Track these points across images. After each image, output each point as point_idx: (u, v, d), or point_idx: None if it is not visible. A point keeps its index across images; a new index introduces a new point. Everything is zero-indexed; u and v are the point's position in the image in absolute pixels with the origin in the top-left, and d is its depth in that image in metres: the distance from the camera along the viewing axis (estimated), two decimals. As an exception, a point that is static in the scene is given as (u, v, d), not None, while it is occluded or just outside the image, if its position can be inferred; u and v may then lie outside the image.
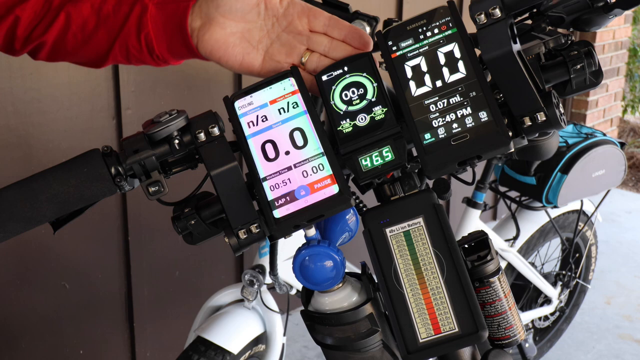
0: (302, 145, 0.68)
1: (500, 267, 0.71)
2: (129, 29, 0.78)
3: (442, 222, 0.66)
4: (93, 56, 0.82)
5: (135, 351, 2.23)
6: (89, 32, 0.79)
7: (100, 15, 0.79)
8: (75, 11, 0.79)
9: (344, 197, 0.66)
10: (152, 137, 0.68)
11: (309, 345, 2.57)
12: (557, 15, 0.73)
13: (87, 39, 0.80)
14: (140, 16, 0.77)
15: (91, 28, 0.79)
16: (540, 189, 2.01)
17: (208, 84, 2.20)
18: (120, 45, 0.80)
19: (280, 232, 0.67)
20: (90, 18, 0.79)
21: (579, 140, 2.05)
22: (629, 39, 4.66)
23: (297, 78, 0.71)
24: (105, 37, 0.80)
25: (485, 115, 0.66)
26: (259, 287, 1.55)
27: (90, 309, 2.09)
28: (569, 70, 0.70)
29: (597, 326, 2.79)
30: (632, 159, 5.06)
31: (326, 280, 0.69)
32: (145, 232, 2.14)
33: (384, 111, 0.69)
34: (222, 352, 1.49)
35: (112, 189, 0.69)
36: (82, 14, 0.79)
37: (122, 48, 0.80)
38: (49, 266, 1.94)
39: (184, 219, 0.72)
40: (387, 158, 0.67)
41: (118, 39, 0.79)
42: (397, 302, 0.66)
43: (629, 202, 4.22)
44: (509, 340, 0.72)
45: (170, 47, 0.79)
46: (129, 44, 0.79)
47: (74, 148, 1.89)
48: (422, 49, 0.69)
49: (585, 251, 2.39)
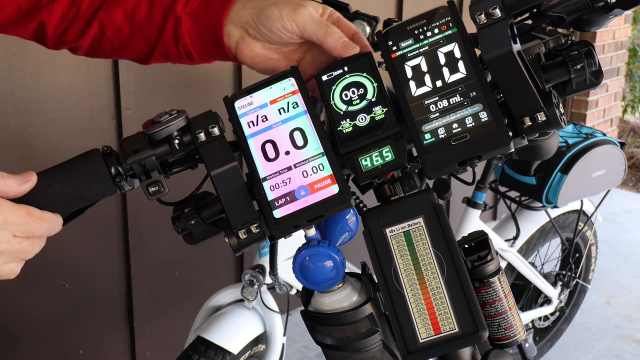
0: (302, 145, 0.68)
1: (500, 267, 0.71)
2: (166, 39, 0.79)
3: (442, 222, 0.66)
4: (135, 58, 0.84)
5: (135, 351, 2.23)
6: (124, 38, 0.81)
7: (133, 22, 0.79)
8: (108, 18, 0.80)
9: (344, 197, 0.66)
10: (152, 137, 0.68)
11: (309, 345, 2.57)
12: (557, 15, 0.73)
13: (124, 44, 0.81)
14: (175, 28, 0.78)
15: (126, 35, 0.80)
16: (540, 189, 2.00)
17: (208, 84, 2.20)
18: (160, 52, 0.81)
19: (280, 232, 0.67)
20: (124, 25, 0.80)
21: (579, 140, 2.05)
22: (629, 39, 4.66)
23: (297, 78, 0.71)
24: (142, 43, 0.81)
25: (485, 115, 0.66)
26: (259, 287, 1.55)
27: (90, 309, 2.09)
28: (569, 70, 0.70)
29: (597, 326, 2.79)
30: (632, 159, 5.06)
31: (326, 281, 0.69)
32: (145, 232, 2.14)
33: (384, 111, 0.69)
34: (222, 352, 1.49)
35: (112, 189, 0.69)
36: (115, 21, 0.80)
37: (162, 54, 0.81)
38: (49, 266, 1.94)
39: (184, 219, 0.72)
40: (387, 158, 0.67)
41: (157, 46, 0.80)
42: (397, 302, 0.66)
43: (629, 202, 4.22)
44: (509, 341, 0.72)
45: (210, 56, 0.80)
46: (168, 52, 0.81)
47: (74, 148, 1.89)
48: (422, 49, 0.69)
49: (585, 251, 2.39)
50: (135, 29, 0.80)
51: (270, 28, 0.74)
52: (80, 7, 0.80)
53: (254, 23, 0.75)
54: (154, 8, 0.79)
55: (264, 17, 0.74)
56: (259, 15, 0.74)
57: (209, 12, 0.77)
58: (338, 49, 0.72)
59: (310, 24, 0.73)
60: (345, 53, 0.72)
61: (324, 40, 0.72)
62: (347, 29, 0.75)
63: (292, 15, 0.73)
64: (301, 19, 0.73)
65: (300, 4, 0.73)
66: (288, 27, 0.73)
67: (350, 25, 0.76)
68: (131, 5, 0.79)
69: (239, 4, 0.76)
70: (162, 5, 0.78)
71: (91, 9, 0.80)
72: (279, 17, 0.73)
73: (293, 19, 0.73)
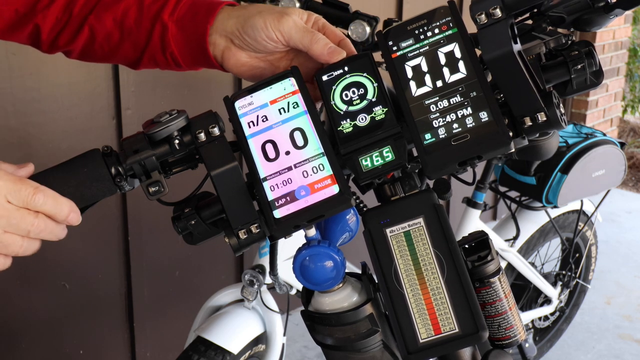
0: (302, 145, 0.68)
1: (500, 268, 0.71)
2: (154, 46, 0.79)
3: (442, 223, 0.66)
4: (125, 63, 0.84)
5: (135, 351, 2.23)
6: (114, 44, 0.81)
7: (123, 29, 0.80)
8: (99, 24, 0.80)
9: (344, 197, 0.66)
10: (152, 137, 0.68)
11: (309, 345, 2.57)
12: (558, 15, 0.73)
13: (114, 50, 0.82)
14: (162, 35, 0.78)
15: (116, 40, 0.81)
16: (540, 189, 2.00)
17: (208, 84, 2.20)
18: (148, 58, 0.81)
19: (281, 232, 0.67)
20: (114, 31, 0.80)
21: (579, 140, 2.05)
22: (629, 39, 4.66)
23: (297, 78, 0.71)
24: (132, 49, 0.81)
25: (486, 115, 0.66)
26: (259, 287, 1.55)
27: (90, 309, 2.09)
28: (570, 70, 0.70)
29: (597, 326, 2.79)
30: (632, 159, 5.06)
31: (326, 281, 0.69)
32: (145, 232, 2.14)
33: (384, 111, 0.69)
34: (222, 352, 1.48)
35: (112, 189, 0.69)
36: (106, 27, 0.80)
37: (151, 60, 0.82)
38: (49, 266, 1.94)
39: (184, 219, 0.71)
40: (387, 158, 0.67)
41: (145, 53, 0.81)
42: (397, 302, 0.66)
43: (629, 202, 4.22)
44: (509, 341, 0.72)
45: (196, 64, 0.81)
46: (156, 59, 0.81)
47: (74, 148, 1.89)
48: (423, 49, 0.69)
49: (585, 251, 2.39)
50: (124, 35, 0.80)
51: (255, 38, 0.74)
52: (73, 11, 0.81)
53: (238, 33, 0.75)
54: (142, 15, 0.79)
55: (249, 27, 0.74)
56: (243, 25, 0.74)
57: (194, 20, 0.77)
58: (325, 56, 0.72)
59: (295, 32, 0.73)
60: (332, 59, 0.72)
61: (309, 47, 0.72)
62: (333, 35, 0.75)
63: (277, 25, 0.73)
64: (286, 28, 0.73)
65: (284, 12, 0.73)
66: (273, 36, 0.73)
67: (336, 31, 0.76)
68: (121, 11, 0.79)
69: (223, 14, 0.76)
70: (150, 12, 0.79)
71: (82, 13, 0.80)
72: (264, 27, 0.73)
73: (278, 28, 0.73)
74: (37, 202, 0.64)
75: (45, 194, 0.65)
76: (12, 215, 0.63)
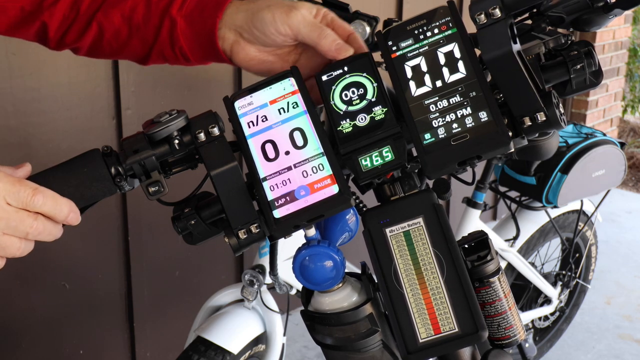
0: (302, 145, 0.68)
1: (500, 267, 0.71)
2: (162, 41, 0.79)
3: (442, 222, 0.67)
4: (134, 59, 0.84)
5: (135, 351, 2.23)
6: (123, 40, 0.81)
7: (131, 25, 0.80)
8: (107, 21, 0.80)
9: (344, 197, 0.66)
10: (152, 137, 0.68)
11: (309, 345, 2.57)
12: (557, 15, 0.73)
13: (123, 46, 0.82)
14: (171, 30, 0.78)
15: (125, 37, 0.81)
16: (540, 189, 2.00)
17: (208, 84, 2.20)
18: (157, 53, 0.81)
19: (280, 232, 0.67)
20: (122, 28, 0.80)
21: (579, 140, 2.05)
22: (629, 39, 4.66)
23: (297, 78, 0.71)
24: (140, 45, 0.81)
25: (485, 115, 0.66)
26: (259, 287, 1.55)
27: (90, 309, 2.09)
28: (569, 70, 0.70)
29: (597, 326, 2.79)
30: (632, 159, 5.06)
31: (326, 280, 0.69)
32: (145, 232, 2.14)
33: (384, 111, 0.69)
34: (222, 352, 1.49)
35: (112, 189, 0.69)
36: (114, 23, 0.80)
37: (160, 56, 0.81)
38: (49, 266, 1.94)
39: (184, 219, 0.72)
40: (387, 158, 0.67)
41: (154, 48, 0.81)
42: (397, 302, 0.66)
43: (629, 202, 4.22)
44: (509, 341, 0.72)
45: (205, 58, 0.80)
46: (165, 54, 0.81)
47: (74, 148, 1.89)
48: (422, 49, 0.69)
49: (585, 251, 2.39)
50: (133, 31, 0.80)
51: (264, 32, 0.74)
52: (80, 8, 0.80)
53: (247, 27, 0.75)
54: (150, 10, 0.79)
55: (258, 20, 0.74)
56: (252, 19, 0.74)
57: (203, 15, 0.77)
58: (332, 52, 0.72)
59: (304, 27, 0.73)
60: (339, 55, 0.72)
61: (317, 43, 0.72)
62: (341, 30, 0.75)
63: (285, 19, 0.72)
64: (294, 22, 0.73)
65: (293, 7, 0.73)
66: (281, 30, 0.73)
67: (345, 25, 0.75)
68: (129, 8, 0.79)
69: (232, 8, 0.76)
70: (158, 8, 0.78)
71: (90, 10, 0.80)
72: (272, 21, 0.73)
73: (286, 22, 0.73)
74: (36, 203, 0.64)
75: (45, 194, 0.64)
76: (12, 218, 0.63)
